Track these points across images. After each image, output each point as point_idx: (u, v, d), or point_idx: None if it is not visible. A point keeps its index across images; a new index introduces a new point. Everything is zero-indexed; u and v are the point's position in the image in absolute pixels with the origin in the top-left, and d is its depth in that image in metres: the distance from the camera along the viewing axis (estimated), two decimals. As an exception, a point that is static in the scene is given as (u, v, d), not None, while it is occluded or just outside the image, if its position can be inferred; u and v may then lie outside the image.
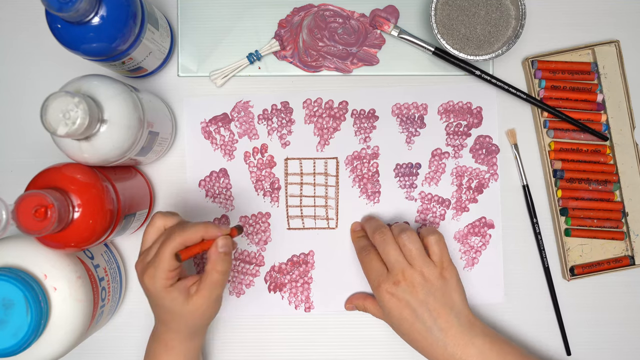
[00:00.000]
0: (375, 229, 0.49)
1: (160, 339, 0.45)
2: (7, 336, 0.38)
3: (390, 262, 0.47)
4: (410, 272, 0.46)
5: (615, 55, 0.54)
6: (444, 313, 0.46)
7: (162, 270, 0.40)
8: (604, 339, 0.55)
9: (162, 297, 0.41)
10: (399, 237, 0.47)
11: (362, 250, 0.50)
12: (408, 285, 0.46)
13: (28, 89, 0.54)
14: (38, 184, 0.40)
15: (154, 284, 0.40)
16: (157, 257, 0.40)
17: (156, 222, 0.43)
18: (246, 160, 0.55)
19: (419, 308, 0.46)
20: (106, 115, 0.39)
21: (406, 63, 0.55)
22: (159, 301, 0.41)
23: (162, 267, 0.40)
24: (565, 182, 0.54)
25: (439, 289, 0.46)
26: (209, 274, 0.41)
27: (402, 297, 0.46)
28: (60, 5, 0.36)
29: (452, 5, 0.51)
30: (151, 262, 0.40)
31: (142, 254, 0.42)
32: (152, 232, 0.43)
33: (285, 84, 0.55)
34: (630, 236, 0.54)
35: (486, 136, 0.55)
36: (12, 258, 0.41)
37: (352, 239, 0.54)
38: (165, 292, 0.41)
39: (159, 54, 0.50)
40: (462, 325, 0.46)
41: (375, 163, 0.55)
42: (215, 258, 0.40)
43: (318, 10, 0.54)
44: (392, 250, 0.47)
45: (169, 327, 0.44)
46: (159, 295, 0.41)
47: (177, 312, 0.41)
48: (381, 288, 0.47)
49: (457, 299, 0.47)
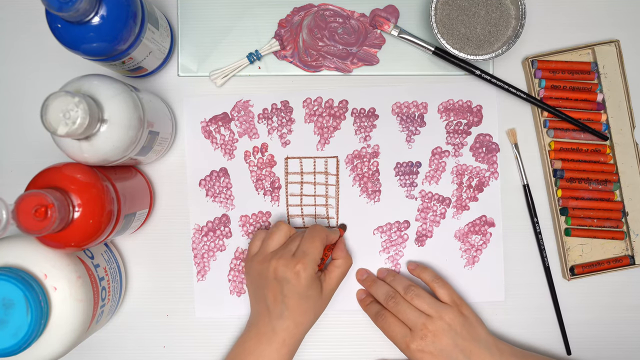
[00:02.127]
0: (387, 297, 0.51)
1: (277, 336, 0.46)
2: (7, 336, 0.38)
3: (411, 321, 0.49)
4: (432, 323, 0.48)
5: (615, 55, 0.54)
6: (474, 349, 0.48)
7: (315, 260, 0.46)
8: (604, 339, 0.55)
9: (308, 286, 0.46)
10: (405, 295, 0.50)
11: (378, 317, 0.51)
12: (435, 336, 0.48)
13: (28, 89, 0.54)
14: (38, 184, 0.40)
15: (307, 272, 0.46)
16: (308, 250, 0.46)
17: (283, 227, 0.49)
18: (246, 160, 0.55)
19: (452, 352, 0.48)
20: (106, 115, 0.39)
21: (406, 63, 0.55)
22: (305, 290, 0.46)
23: (315, 257, 0.46)
24: (565, 181, 0.54)
25: (463, 327, 0.49)
26: (336, 267, 0.50)
27: (433, 350, 0.48)
28: (60, 5, 0.36)
29: (452, 5, 0.51)
30: (301, 254, 0.46)
31: (278, 250, 0.47)
32: (281, 235, 0.49)
33: (285, 84, 0.55)
34: (630, 236, 0.54)
35: (486, 134, 0.55)
36: (12, 258, 0.41)
37: (361, 307, 0.54)
38: (313, 280, 0.46)
39: (159, 54, 0.50)
40: (493, 355, 0.48)
41: (375, 162, 0.55)
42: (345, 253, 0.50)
43: (318, 10, 0.54)
44: (408, 310, 0.49)
45: (294, 320, 0.46)
46: (309, 283, 0.46)
47: (315, 298, 0.47)
48: (411, 349, 0.48)
49: (481, 331, 0.49)
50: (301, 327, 0.47)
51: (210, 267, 0.54)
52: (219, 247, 0.55)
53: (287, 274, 0.45)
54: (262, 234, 0.50)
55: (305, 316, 0.47)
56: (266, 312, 0.47)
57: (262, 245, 0.49)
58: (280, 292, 0.46)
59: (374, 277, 0.54)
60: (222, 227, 0.55)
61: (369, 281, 0.53)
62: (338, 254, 0.51)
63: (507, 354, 0.49)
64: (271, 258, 0.47)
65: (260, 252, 0.49)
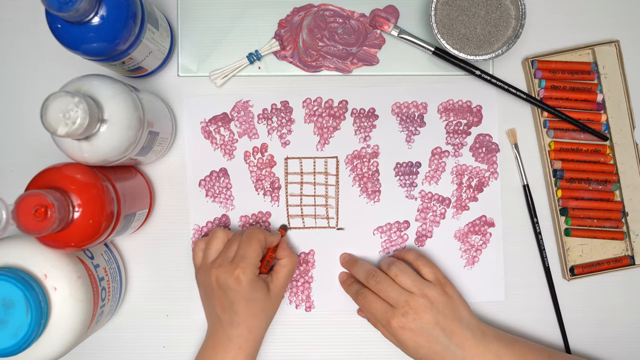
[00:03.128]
0: (367, 274, 0.50)
1: (233, 343, 0.46)
2: (7, 336, 0.38)
3: (393, 298, 0.48)
4: (414, 300, 0.47)
5: (615, 55, 0.54)
6: (456, 328, 0.47)
7: (254, 263, 0.46)
8: (604, 339, 0.55)
9: (252, 288, 0.46)
10: (389, 271, 0.49)
11: (358, 295, 0.50)
12: (416, 313, 0.47)
13: (28, 89, 0.54)
14: (38, 184, 0.40)
15: (247, 275, 0.45)
16: (246, 253, 0.46)
17: (220, 233, 0.49)
18: (246, 160, 0.55)
19: (433, 331, 0.47)
20: (106, 115, 0.39)
21: (406, 63, 0.55)
22: (249, 293, 0.46)
23: (254, 260, 0.46)
24: (565, 182, 0.54)
25: (446, 306, 0.48)
26: (282, 267, 0.49)
27: (414, 327, 0.47)
28: (60, 5, 0.36)
29: (452, 5, 0.51)
30: (239, 259, 0.46)
31: (217, 259, 0.47)
32: (219, 242, 0.49)
33: (285, 84, 0.55)
34: (630, 236, 0.54)
35: (486, 134, 0.55)
36: (12, 258, 0.41)
37: (343, 288, 0.54)
38: (256, 282, 0.46)
39: (159, 54, 0.50)
40: (475, 336, 0.47)
41: (375, 162, 0.55)
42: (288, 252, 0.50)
43: (318, 10, 0.54)
44: (389, 287, 0.48)
45: (246, 325, 0.46)
46: (250, 286, 0.46)
47: (262, 300, 0.47)
48: (391, 325, 0.47)
49: (463, 311, 0.49)
50: (255, 331, 0.47)
51: (210, 267, 0.54)
52: (219, 247, 0.55)
53: (228, 280, 0.45)
54: (202, 244, 0.50)
55: (257, 319, 0.47)
56: (218, 321, 0.47)
57: (203, 256, 0.49)
58: (226, 299, 0.46)
59: (355, 258, 0.53)
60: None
61: (351, 262, 0.53)
62: (282, 254, 0.50)
63: (491, 336, 0.48)
64: (212, 267, 0.47)
65: (203, 262, 0.49)
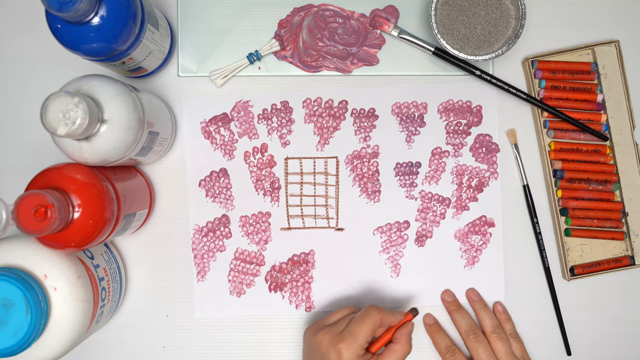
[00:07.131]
0: (468, 329, 0.52)
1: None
2: (7, 336, 0.38)
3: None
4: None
5: (615, 55, 0.54)
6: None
7: (359, 343, 0.45)
8: (604, 339, 0.55)
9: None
10: (491, 335, 0.52)
11: (447, 350, 0.53)
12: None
13: (28, 89, 0.54)
14: (38, 184, 0.40)
15: (349, 352, 0.45)
16: (355, 331, 0.45)
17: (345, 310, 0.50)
18: (246, 160, 0.55)
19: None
20: (106, 115, 0.39)
21: (406, 63, 0.55)
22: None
23: (360, 340, 0.45)
24: (565, 182, 0.54)
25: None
26: (390, 352, 0.46)
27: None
28: (60, 5, 0.36)
29: (452, 5, 0.51)
30: (347, 333, 0.45)
31: (329, 325, 0.48)
32: (343, 312, 0.49)
33: (285, 84, 0.55)
34: (630, 236, 0.54)
35: (486, 135, 0.55)
36: (12, 258, 0.41)
37: (427, 331, 0.55)
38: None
39: (159, 54, 0.50)
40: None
41: (375, 162, 0.55)
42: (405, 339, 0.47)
43: (318, 10, 0.54)
44: (483, 353, 0.51)
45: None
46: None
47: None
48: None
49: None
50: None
51: (210, 267, 0.54)
52: (219, 248, 0.55)
53: (330, 350, 0.45)
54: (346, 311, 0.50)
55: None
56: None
57: (327, 318, 0.49)
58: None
59: (459, 304, 0.54)
60: (222, 228, 0.55)
61: (454, 306, 0.54)
62: (397, 338, 0.47)
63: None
64: (322, 329, 0.47)
65: (321, 321, 0.49)
